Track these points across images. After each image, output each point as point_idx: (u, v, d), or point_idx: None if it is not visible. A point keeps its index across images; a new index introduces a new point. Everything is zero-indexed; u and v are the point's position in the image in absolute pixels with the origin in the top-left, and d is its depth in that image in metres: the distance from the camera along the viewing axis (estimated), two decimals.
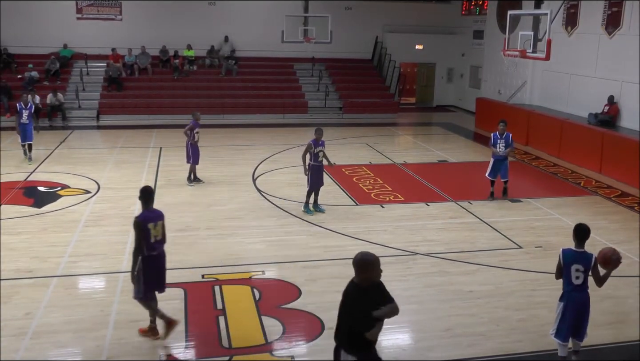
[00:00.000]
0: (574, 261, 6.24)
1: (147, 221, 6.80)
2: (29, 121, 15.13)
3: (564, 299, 6.39)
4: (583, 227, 6.37)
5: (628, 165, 14.28)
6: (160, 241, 6.98)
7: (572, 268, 6.23)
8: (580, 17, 18.26)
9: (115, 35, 24.13)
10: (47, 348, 6.74)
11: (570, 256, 6.27)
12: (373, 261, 5.06)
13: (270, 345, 6.90)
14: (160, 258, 7.00)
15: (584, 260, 6.23)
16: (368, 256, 5.09)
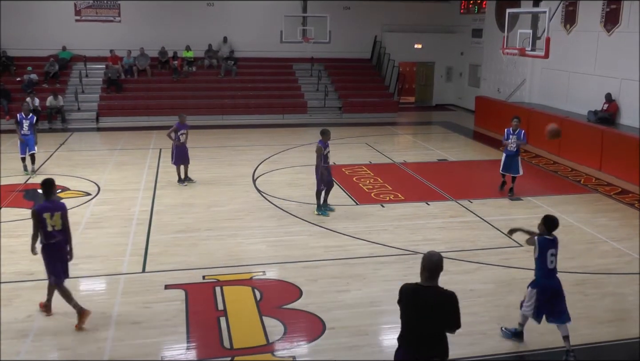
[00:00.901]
0: (550, 247, 6.65)
1: (42, 211, 7.12)
2: (30, 132, 14.61)
3: (535, 285, 6.75)
4: (553, 218, 6.77)
5: (628, 162, 14.29)
6: (60, 231, 7.27)
7: (548, 253, 6.63)
8: (579, 14, 18.27)
9: (114, 36, 24.15)
10: (48, 350, 6.75)
11: (546, 243, 6.65)
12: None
13: (271, 345, 6.90)
14: (59, 245, 7.32)
15: (556, 245, 6.71)
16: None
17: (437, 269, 4.73)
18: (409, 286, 4.81)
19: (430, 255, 4.77)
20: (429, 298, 4.69)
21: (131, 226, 10.84)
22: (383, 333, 7.34)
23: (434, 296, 4.70)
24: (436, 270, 4.73)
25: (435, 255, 4.77)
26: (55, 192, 7.46)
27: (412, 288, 4.78)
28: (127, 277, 8.70)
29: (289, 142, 18.50)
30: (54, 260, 7.31)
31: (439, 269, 4.74)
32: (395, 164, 15.90)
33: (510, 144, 12.74)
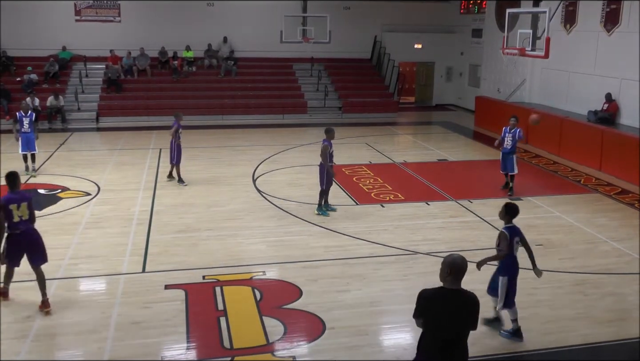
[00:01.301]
0: (515, 235, 6.95)
1: (9, 203, 7.33)
2: (31, 130, 14.42)
3: (506, 273, 6.92)
4: (513, 205, 7.06)
5: (628, 162, 14.29)
6: (27, 220, 7.51)
7: (514, 241, 6.92)
8: (579, 14, 18.27)
9: (114, 36, 24.15)
10: (48, 350, 6.75)
11: (512, 231, 6.93)
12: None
13: (271, 345, 6.90)
14: (25, 235, 7.51)
15: (519, 232, 7.00)
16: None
17: (462, 272, 4.66)
18: (435, 292, 4.67)
19: (453, 259, 4.66)
20: (459, 301, 4.65)
21: (131, 226, 10.84)
22: (383, 333, 7.34)
23: (463, 299, 4.67)
24: (462, 273, 4.66)
25: (459, 258, 4.68)
26: (20, 184, 7.68)
27: (440, 293, 4.65)
28: (127, 277, 8.70)
29: (289, 142, 18.50)
30: (16, 249, 7.49)
31: (464, 271, 4.66)
32: (395, 164, 15.90)
33: (506, 143, 12.86)
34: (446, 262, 4.66)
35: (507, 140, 12.89)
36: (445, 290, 4.65)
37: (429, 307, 4.66)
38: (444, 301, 4.63)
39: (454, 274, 4.62)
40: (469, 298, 4.71)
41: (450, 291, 4.64)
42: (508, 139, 12.89)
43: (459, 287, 4.66)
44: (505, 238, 6.87)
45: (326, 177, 11.33)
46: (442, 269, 4.68)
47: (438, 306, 4.64)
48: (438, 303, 4.64)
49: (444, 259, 4.71)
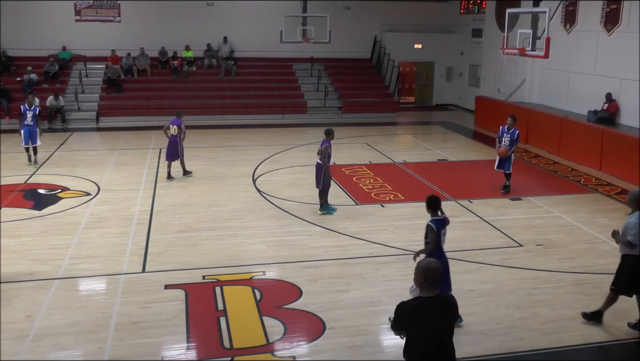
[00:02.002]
0: (442, 227, 7.07)
1: None
2: (34, 123, 14.98)
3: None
4: (434, 197, 7.15)
5: (628, 162, 14.29)
6: None
7: (441, 233, 7.03)
8: (579, 14, 18.27)
9: (114, 36, 24.15)
10: (48, 350, 6.74)
11: (438, 223, 7.05)
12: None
13: (271, 345, 6.90)
14: None
15: (445, 224, 7.13)
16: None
17: (438, 277, 4.53)
18: (415, 304, 4.53)
19: (427, 264, 4.54)
20: (439, 308, 4.51)
21: (131, 226, 10.84)
22: (383, 333, 7.33)
23: (443, 305, 4.54)
24: (438, 278, 4.53)
25: (433, 262, 4.58)
26: None
27: (419, 305, 4.50)
28: (127, 277, 8.70)
29: (289, 142, 18.50)
30: None
31: (439, 275, 4.55)
32: (396, 164, 15.89)
33: (503, 143, 12.86)
34: (421, 268, 4.51)
35: (505, 140, 12.88)
36: (424, 300, 4.49)
37: (410, 320, 4.50)
38: (424, 312, 4.47)
39: (429, 280, 4.47)
40: (448, 301, 4.60)
41: (429, 299, 4.48)
42: (506, 139, 12.87)
43: (436, 292, 4.50)
44: (432, 231, 7.00)
45: (324, 178, 11.32)
46: (417, 276, 4.54)
47: (419, 318, 4.47)
48: (419, 315, 4.48)
49: (418, 265, 4.57)
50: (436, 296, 4.50)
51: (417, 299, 4.56)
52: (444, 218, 7.13)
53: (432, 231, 7.00)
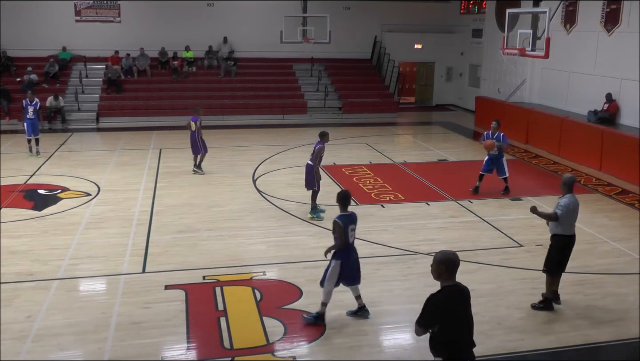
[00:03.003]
0: (350, 223, 7.17)
1: None
2: (35, 116, 16.07)
3: (340, 257, 7.18)
4: (346, 193, 7.36)
5: (628, 162, 14.29)
6: None
7: (349, 228, 7.13)
8: (579, 14, 18.27)
9: (114, 37, 24.16)
10: (48, 350, 6.74)
11: (345, 219, 7.14)
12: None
13: (271, 345, 6.90)
14: None
15: (355, 220, 7.24)
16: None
17: (457, 266, 4.66)
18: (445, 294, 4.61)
19: (446, 255, 4.64)
20: (463, 295, 4.72)
21: (131, 226, 10.84)
22: (383, 333, 7.33)
23: (465, 291, 4.74)
24: (457, 267, 4.65)
25: (451, 253, 4.68)
26: None
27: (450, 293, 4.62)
28: (127, 277, 8.70)
29: (289, 143, 18.50)
30: None
31: (458, 265, 4.66)
32: (396, 165, 15.90)
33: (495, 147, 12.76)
34: (441, 259, 4.63)
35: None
36: (450, 288, 4.64)
37: (442, 310, 4.61)
38: (454, 300, 4.64)
39: (450, 269, 4.63)
40: (466, 289, 4.79)
41: (454, 287, 4.66)
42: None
43: (455, 281, 4.69)
44: (339, 227, 7.10)
45: (316, 179, 11.24)
46: (436, 267, 4.65)
47: (451, 306, 4.63)
48: (450, 303, 4.63)
49: (436, 257, 4.67)
50: (457, 285, 4.68)
51: (443, 289, 4.64)
52: (352, 214, 7.24)
53: (339, 227, 7.09)
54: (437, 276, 4.68)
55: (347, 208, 7.26)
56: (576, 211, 7.57)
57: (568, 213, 7.46)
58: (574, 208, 7.52)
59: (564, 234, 7.59)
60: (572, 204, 7.48)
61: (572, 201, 7.50)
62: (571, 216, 7.52)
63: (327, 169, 15.07)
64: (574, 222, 7.61)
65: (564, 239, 7.62)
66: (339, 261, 7.20)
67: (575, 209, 7.54)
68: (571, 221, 7.57)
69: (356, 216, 7.33)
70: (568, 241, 7.65)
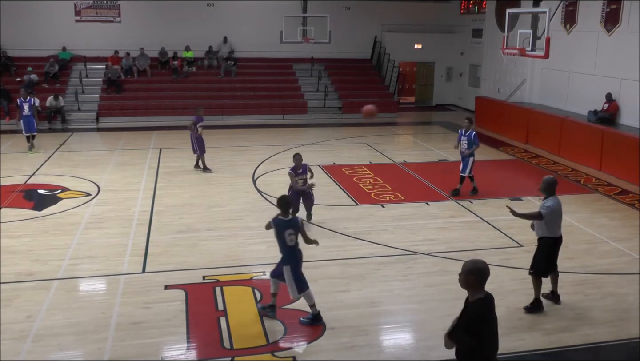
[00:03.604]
0: (286, 228, 7.11)
1: None
2: (31, 113, 16.35)
3: (288, 262, 7.17)
4: (287, 198, 7.38)
5: (628, 162, 14.29)
6: None
7: (286, 233, 7.10)
8: (579, 15, 18.28)
9: (114, 37, 24.16)
10: (48, 350, 6.75)
11: (281, 224, 7.12)
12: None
13: (271, 345, 6.90)
14: None
15: (294, 225, 7.14)
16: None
17: (487, 276, 4.54)
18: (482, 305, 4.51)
19: (475, 265, 4.51)
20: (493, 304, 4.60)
21: (131, 226, 10.84)
22: (383, 333, 7.34)
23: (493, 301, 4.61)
24: (486, 276, 4.54)
25: (481, 262, 4.56)
26: None
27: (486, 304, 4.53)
28: (127, 277, 8.70)
29: (289, 143, 18.50)
30: None
31: (488, 274, 4.55)
32: (396, 164, 15.90)
33: (462, 146, 12.69)
34: (470, 269, 4.50)
35: (463, 142, 12.68)
36: (486, 300, 4.53)
37: (485, 322, 4.52)
38: (490, 310, 4.56)
39: (480, 279, 4.50)
40: (492, 297, 4.65)
41: (487, 297, 4.55)
42: (464, 142, 12.67)
43: (485, 292, 4.56)
44: (270, 226, 7.17)
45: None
46: (465, 277, 4.51)
47: (490, 317, 4.55)
48: (489, 315, 4.55)
49: (466, 267, 4.54)
50: (488, 295, 4.57)
51: (480, 300, 4.52)
52: (292, 219, 7.19)
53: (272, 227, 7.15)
54: (466, 286, 4.55)
55: (288, 212, 7.20)
56: (561, 213, 7.62)
57: (553, 215, 7.48)
58: (559, 210, 7.55)
59: (551, 236, 7.64)
60: (556, 205, 7.51)
61: (557, 203, 7.53)
62: (557, 218, 7.56)
63: (327, 169, 15.09)
64: (559, 223, 7.65)
65: (551, 242, 7.67)
66: (289, 266, 7.18)
67: (560, 211, 7.58)
68: (557, 223, 7.60)
69: (298, 222, 7.20)
70: (555, 243, 7.69)
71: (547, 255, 7.69)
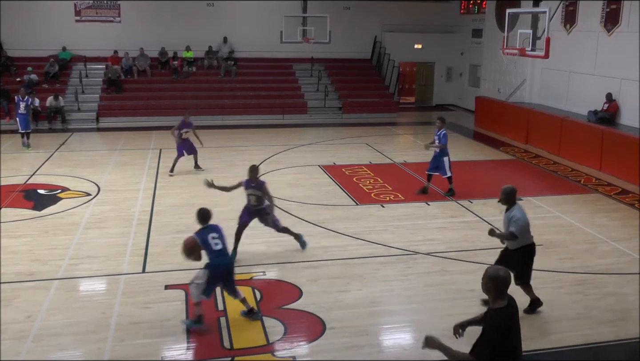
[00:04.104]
0: (209, 233, 7.27)
1: None
2: (26, 112, 16.83)
3: (209, 267, 7.20)
4: (202, 211, 7.45)
5: (628, 162, 14.29)
6: None
7: (209, 237, 7.21)
8: (579, 14, 18.27)
9: (114, 37, 24.15)
10: (48, 350, 6.74)
11: (203, 232, 7.29)
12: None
13: (271, 345, 6.90)
14: None
15: (216, 229, 7.36)
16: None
17: (508, 284, 4.48)
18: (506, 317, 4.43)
19: (495, 273, 4.45)
20: (515, 311, 4.54)
21: (131, 226, 10.84)
22: (383, 333, 7.34)
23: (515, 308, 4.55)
24: (507, 285, 4.47)
25: (501, 270, 4.51)
26: None
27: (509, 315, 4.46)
28: (127, 277, 8.70)
29: (289, 143, 18.50)
30: None
31: (509, 283, 4.48)
32: (396, 165, 15.90)
33: (434, 146, 12.69)
34: (491, 276, 4.44)
35: (436, 142, 12.69)
36: (508, 309, 4.46)
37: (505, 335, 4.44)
38: (511, 320, 4.48)
39: (500, 288, 4.45)
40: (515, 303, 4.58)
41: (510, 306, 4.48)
42: (436, 142, 12.68)
43: (506, 301, 4.49)
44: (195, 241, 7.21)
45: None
46: (486, 283, 4.47)
47: (510, 328, 4.47)
48: (509, 325, 4.47)
49: (488, 272, 4.48)
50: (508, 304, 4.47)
51: (501, 310, 4.45)
52: (210, 226, 7.35)
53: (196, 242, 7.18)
54: (485, 291, 4.53)
55: (207, 222, 7.33)
56: (527, 219, 7.46)
57: (524, 226, 7.37)
58: (525, 218, 7.41)
59: (525, 244, 7.49)
60: (521, 215, 7.37)
61: (521, 212, 7.40)
62: (526, 226, 7.43)
63: (327, 169, 15.09)
64: (529, 229, 7.51)
65: (528, 249, 7.54)
66: (207, 270, 7.17)
67: (526, 218, 7.43)
68: (527, 230, 7.47)
69: (217, 227, 7.37)
70: (531, 249, 7.58)
71: (527, 262, 7.56)
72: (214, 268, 7.18)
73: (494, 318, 4.46)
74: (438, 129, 12.66)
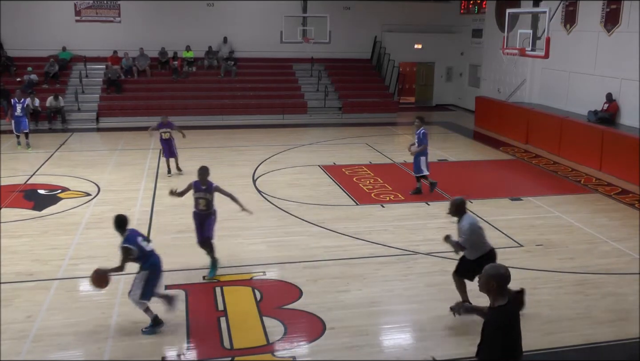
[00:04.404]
0: (135, 237, 7.19)
1: None
2: (23, 113, 16.91)
3: (148, 268, 7.16)
4: (122, 216, 7.27)
5: (628, 162, 14.29)
6: None
7: (139, 240, 7.16)
8: (579, 14, 18.27)
9: (114, 37, 24.15)
10: (48, 350, 6.75)
11: (133, 236, 7.19)
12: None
13: (271, 345, 6.90)
14: None
15: (137, 233, 7.32)
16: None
17: (508, 281, 4.46)
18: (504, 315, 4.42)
19: (497, 271, 4.46)
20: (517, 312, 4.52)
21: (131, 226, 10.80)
22: (383, 333, 7.34)
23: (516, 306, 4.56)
24: (508, 282, 4.46)
25: (502, 267, 4.50)
26: None
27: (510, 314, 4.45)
28: (127, 277, 8.65)
29: (289, 143, 18.50)
30: None
31: (509, 280, 4.47)
32: (396, 165, 15.90)
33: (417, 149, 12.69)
34: (491, 274, 4.44)
35: (416, 143, 12.74)
36: (508, 307, 4.43)
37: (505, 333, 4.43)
38: (512, 319, 4.47)
39: (501, 286, 4.43)
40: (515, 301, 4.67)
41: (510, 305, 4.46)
42: (416, 142, 12.74)
43: (507, 299, 4.46)
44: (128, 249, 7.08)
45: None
46: (485, 282, 4.46)
47: (511, 326, 4.46)
48: (510, 324, 4.46)
49: (485, 272, 4.49)
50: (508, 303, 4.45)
51: (501, 308, 4.43)
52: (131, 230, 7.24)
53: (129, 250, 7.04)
54: (485, 291, 4.50)
55: (125, 228, 7.18)
56: (479, 228, 7.32)
57: (472, 236, 7.23)
58: (476, 228, 7.27)
59: (483, 253, 7.33)
60: (472, 225, 7.25)
61: (470, 222, 7.27)
62: (478, 235, 7.30)
63: (327, 169, 15.10)
64: (484, 238, 7.39)
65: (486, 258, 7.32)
66: (146, 271, 7.12)
67: (477, 227, 7.30)
68: (481, 239, 7.35)
69: (136, 230, 7.36)
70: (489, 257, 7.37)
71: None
72: (153, 268, 7.18)
73: (495, 316, 4.47)
74: (417, 128, 12.67)
